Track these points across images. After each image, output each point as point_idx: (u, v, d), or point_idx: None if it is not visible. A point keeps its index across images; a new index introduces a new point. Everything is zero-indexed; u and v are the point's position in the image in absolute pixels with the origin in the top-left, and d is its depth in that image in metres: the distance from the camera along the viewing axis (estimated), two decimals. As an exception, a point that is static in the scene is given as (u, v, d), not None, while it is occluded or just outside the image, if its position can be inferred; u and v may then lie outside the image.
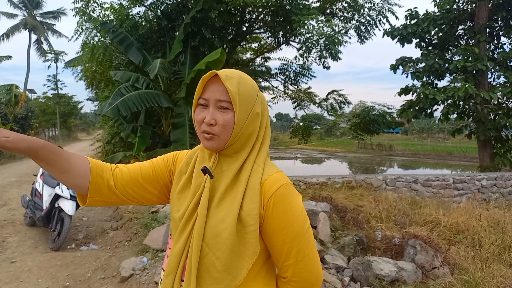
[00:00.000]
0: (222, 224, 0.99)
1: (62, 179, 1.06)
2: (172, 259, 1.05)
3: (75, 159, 1.07)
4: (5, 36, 33.13)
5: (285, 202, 1.01)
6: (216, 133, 1.01)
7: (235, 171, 1.04)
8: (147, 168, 1.19)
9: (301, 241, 1.02)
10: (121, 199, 1.16)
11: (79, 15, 9.01)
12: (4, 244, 5.29)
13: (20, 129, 20.01)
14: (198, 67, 7.10)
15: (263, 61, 12.78)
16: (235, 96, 0.99)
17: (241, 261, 0.99)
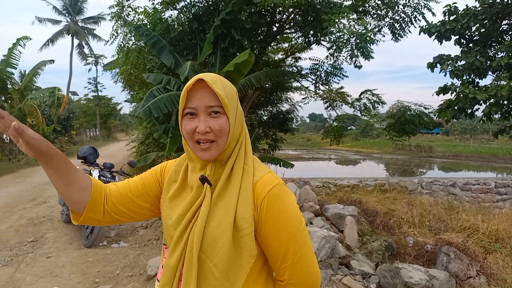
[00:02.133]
0: (218, 230, 0.97)
1: (66, 191, 1.07)
2: (168, 269, 1.03)
3: (81, 175, 1.10)
4: (50, 42, 35.00)
5: (279, 203, 0.98)
6: (213, 139, 1.00)
7: (227, 175, 1.03)
8: (136, 182, 1.21)
9: (297, 242, 0.99)
10: (113, 217, 1.17)
11: (114, 19, 9.29)
12: (42, 240, 5.55)
13: (63, 129, 21.00)
14: (226, 69, 7.12)
15: (294, 61, 12.66)
16: (225, 99, 0.97)
17: (238, 266, 0.97)
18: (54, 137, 17.78)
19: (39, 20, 35.83)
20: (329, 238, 3.64)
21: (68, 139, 21.69)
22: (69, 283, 4.10)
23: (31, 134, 0.92)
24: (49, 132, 17.34)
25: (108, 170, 5.76)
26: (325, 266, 3.49)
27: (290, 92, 14.49)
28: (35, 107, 14.67)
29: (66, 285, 4.04)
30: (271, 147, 13.75)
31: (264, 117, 14.38)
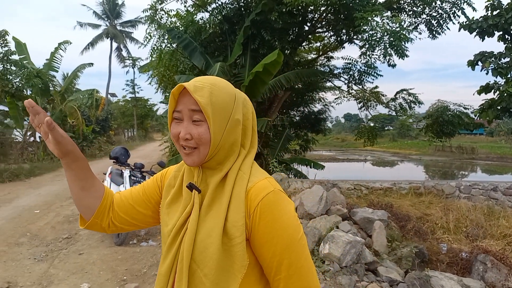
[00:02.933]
0: (208, 239, 0.94)
1: (80, 195, 1.10)
2: (161, 277, 1.01)
3: (97, 181, 1.13)
4: (90, 45, 36.55)
5: (273, 210, 0.93)
6: (195, 146, 0.97)
7: (217, 181, 0.99)
8: (138, 189, 1.21)
9: (293, 252, 0.93)
10: (117, 225, 1.18)
11: (148, 22, 9.53)
12: (76, 237, 5.75)
13: (101, 130, 21.78)
14: (255, 70, 7.11)
15: (326, 60, 12.47)
16: (206, 108, 0.93)
17: (230, 276, 0.93)
18: (93, 137, 18.49)
19: (80, 24, 37.57)
20: (355, 243, 3.53)
21: (107, 139, 22.49)
22: (98, 280, 4.22)
23: (61, 133, 0.97)
24: (88, 132, 18.04)
25: (138, 170, 5.90)
26: (350, 272, 3.38)
27: (323, 92, 14.33)
28: (75, 109, 15.32)
29: (95, 282, 4.16)
30: (302, 148, 13.63)
31: (296, 118, 14.28)
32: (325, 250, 3.56)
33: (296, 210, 4.99)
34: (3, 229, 5.93)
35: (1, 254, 4.88)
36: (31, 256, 4.89)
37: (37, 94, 14.39)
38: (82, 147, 17.23)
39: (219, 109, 0.95)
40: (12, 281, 4.11)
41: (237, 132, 1.01)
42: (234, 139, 1.00)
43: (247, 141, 1.04)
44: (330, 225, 4.12)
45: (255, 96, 7.99)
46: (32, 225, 6.22)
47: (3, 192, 9.02)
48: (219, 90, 0.97)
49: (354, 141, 18.29)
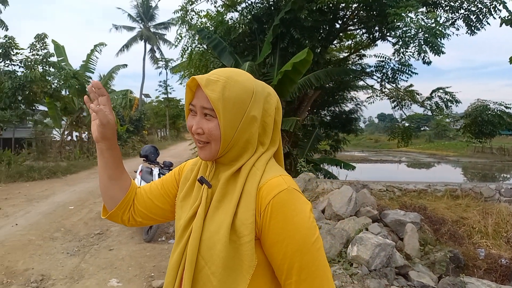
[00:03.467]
0: (216, 236, 0.90)
1: (108, 185, 1.13)
2: (170, 272, 0.99)
3: (125, 175, 1.16)
4: (125, 47, 37.69)
5: (285, 210, 0.88)
6: (206, 141, 0.95)
7: (228, 176, 0.96)
8: (156, 184, 1.21)
9: (305, 256, 0.87)
10: (136, 219, 1.20)
11: (178, 24, 9.67)
12: (107, 233, 5.89)
13: (135, 129, 22.36)
14: (284, 68, 7.05)
15: (358, 58, 12.21)
16: (216, 103, 0.90)
17: (237, 276, 0.89)
18: (127, 136, 19.03)
19: (115, 27, 38.79)
20: (385, 246, 3.40)
21: (140, 138, 23.08)
22: (126, 275, 4.29)
23: (110, 117, 1.03)
24: (123, 132, 18.58)
25: (167, 168, 5.97)
26: (379, 276, 3.26)
27: (354, 92, 14.05)
28: (110, 109, 15.78)
29: (124, 278, 4.23)
30: (332, 148, 13.42)
31: (327, 118, 14.08)
32: (353, 253, 3.44)
33: (323, 211, 4.89)
34: (39, 223, 6.16)
35: (36, 248, 5.07)
36: (64, 250, 5.04)
37: (74, 95, 14.95)
38: (116, 146, 17.71)
39: (232, 105, 0.91)
40: (46, 274, 4.25)
41: (252, 129, 0.96)
42: (249, 136, 0.96)
43: (267, 138, 1.00)
44: (359, 227, 3.99)
45: (284, 95, 7.91)
46: (66, 220, 6.44)
47: (41, 188, 9.42)
48: (234, 84, 0.93)
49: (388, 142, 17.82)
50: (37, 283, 4.00)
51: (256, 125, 0.96)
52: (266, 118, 0.99)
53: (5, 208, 7.17)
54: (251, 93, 0.95)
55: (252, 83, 0.97)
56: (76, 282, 4.06)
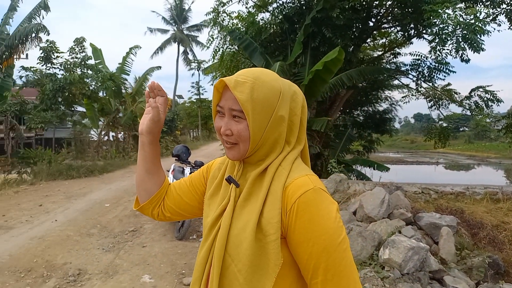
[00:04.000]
0: (242, 234, 0.92)
1: (144, 177, 1.19)
2: (197, 267, 1.01)
3: (161, 171, 1.22)
4: (159, 49, 38.61)
5: (311, 209, 0.87)
6: (235, 142, 0.96)
7: (255, 176, 0.97)
8: (185, 181, 1.25)
9: (331, 256, 0.86)
10: (165, 214, 1.24)
11: (210, 25, 9.79)
12: (141, 230, 6.04)
13: (168, 130, 22.83)
14: (315, 68, 6.98)
15: (392, 57, 11.90)
16: (245, 105, 0.91)
17: (263, 274, 0.89)
18: (160, 136, 19.44)
19: (150, 30, 39.86)
20: (418, 249, 3.28)
21: (173, 138, 23.59)
22: (158, 272, 4.39)
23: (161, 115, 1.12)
24: (156, 132, 18.98)
25: (198, 168, 6.05)
26: (412, 280, 3.15)
27: (389, 91, 13.72)
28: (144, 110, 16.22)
29: (156, 274, 4.32)
30: (365, 149, 13.16)
31: (360, 118, 13.84)
32: (384, 255, 3.35)
33: (355, 213, 4.80)
34: (77, 220, 6.41)
35: (74, 243, 5.27)
36: (100, 246, 5.22)
37: (110, 96, 15.47)
38: (150, 146, 18.17)
39: (260, 106, 0.92)
40: (82, 268, 4.41)
41: (280, 129, 0.96)
42: (277, 136, 0.97)
43: (293, 137, 1.00)
44: (392, 229, 3.88)
45: (315, 95, 7.84)
46: (102, 217, 6.66)
47: (79, 186, 9.80)
48: (262, 84, 0.93)
49: (424, 143, 17.28)
50: (74, 277, 4.16)
51: (284, 125, 0.97)
52: (293, 117, 0.99)
53: (46, 205, 7.52)
54: (278, 93, 0.95)
55: (279, 83, 0.97)
56: (110, 277, 4.19)
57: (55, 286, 3.94)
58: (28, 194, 8.82)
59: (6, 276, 4.11)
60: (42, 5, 12.07)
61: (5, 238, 5.37)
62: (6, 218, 6.47)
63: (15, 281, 4.00)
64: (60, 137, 20.04)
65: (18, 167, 12.21)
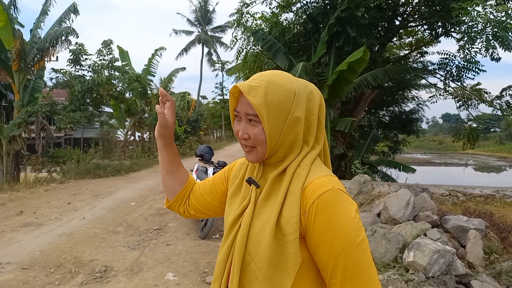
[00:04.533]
0: (262, 233, 0.93)
1: (165, 177, 1.27)
2: (218, 265, 1.04)
3: (181, 168, 1.28)
4: (184, 51, 39.18)
5: (330, 210, 0.88)
6: (253, 146, 0.99)
7: (274, 176, 0.98)
8: (209, 181, 1.30)
9: (350, 257, 0.86)
10: (190, 212, 1.31)
11: (234, 26, 9.85)
12: (165, 228, 6.14)
13: (192, 130, 23.10)
14: (339, 68, 6.92)
15: (419, 56, 11.63)
16: (260, 108, 0.92)
17: (282, 273, 0.91)
18: (185, 137, 19.73)
19: (175, 32, 40.51)
20: (444, 252, 3.20)
21: (197, 139, 23.84)
22: (182, 270, 4.45)
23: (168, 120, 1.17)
24: (181, 132, 19.29)
25: (221, 168, 6.09)
26: (438, 283, 3.08)
27: (416, 91, 13.44)
28: (169, 110, 16.47)
29: (179, 272, 4.38)
30: (391, 150, 12.94)
31: (385, 118, 13.62)
32: (409, 258, 3.29)
33: (379, 215, 4.72)
34: (104, 218, 6.58)
35: (101, 241, 5.42)
36: (125, 244, 5.34)
37: (136, 97, 15.80)
38: (174, 146, 18.47)
39: (275, 108, 0.93)
40: (109, 265, 4.53)
41: (297, 130, 0.97)
42: (294, 137, 0.98)
43: (311, 137, 1.01)
44: (417, 231, 3.80)
45: (339, 95, 7.77)
46: (128, 216, 6.81)
47: (106, 185, 10.06)
48: (276, 87, 0.95)
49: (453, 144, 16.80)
50: (101, 274, 4.27)
51: (300, 125, 0.97)
52: (310, 116, 0.99)
53: (74, 203, 7.75)
54: (293, 95, 0.96)
55: (293, 84, 0.97)
56: (135, 274, 4.29)
57: (83, 282, 4.06)
58: (58, 192, 9.12)
59: (37, 271, 4.27)
60: (71, 9, 12.46)
61: (36, 234, 5.57)
62: (37, 215, 6.71)
63: (45, 276, 4.15)
64: (88, 137, 20.63)
65: (48, 166, 12.63)
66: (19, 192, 8.96)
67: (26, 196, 8.44)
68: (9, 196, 8.45)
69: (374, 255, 3.56)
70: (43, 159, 12.85)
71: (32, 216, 6.65)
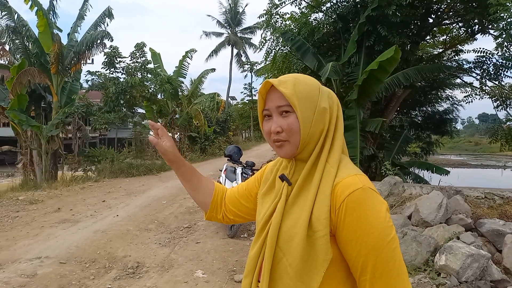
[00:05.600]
0: (293, 229, 0.97)
1: (192, 194, 1.33)
2: (249, 261, 1.07)
3: (204, 180, 1.34)
4: (214, 52, 39.60)
5: (360, 208, 0.90)
6: (286, 139, 1.01)
7: (306, 174, 1.01)
8: (243, 185, 1.35)
9: (380, 255, 0.88)
10: (229, 217, 1.35)
11: (263, 27, 9.88)
12: (195, 227, 6.26)
13: (221, 130, 23.35)
14: (370, 68, 6.80)
15: (454, 54, 11.26)
16: (292, 98, 0.97)
17: (312, 269, 0.93)
18: (214, 137, 19.97)
19: (205, 34, 41.05)
20: (478, 257, 3.10)
21: (226, 139, 24.09)
22: (211, 268, 4.53)
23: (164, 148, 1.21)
24: (210, 133, 19.53)
25: (249, 168, 6.16)
26: (472, 289, 2.99)
27: (450, 90, 13.01)
28: (199, 111, 16.76)
29: (208, 270, 4.46)
30: (423, 151, 12.59)
31: (418, 118, 13.26)
32: (441, 262, 3.21)
33: (410, 217, 4.62)
34: (136, 215, 6.78)
35: (133, 237, 5.59)
36: (157, 241, 5.49)
37: (168, 98, 16.14)
38: (204, 146, 18.76)
39: (305, 99, 0.98)
40: (140, 261, 4.67)
41: (325, 121, 1.01)
42: (322, 128, 1.01)
43: (331, 131, 1.04)
44: (449, 235, 3.70)
45: (369, 95, 7.64)
46: (159, 213, 6.99)
47: (139, 183, 10.35)
48: (301, 81, 1.01)
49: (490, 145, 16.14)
50: (133, 269, 4.42)
51: (327, 116, 1.02)
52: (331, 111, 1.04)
53: (108, 201, 8.02)
54: (317, 88, 1.02)
55: (316, 82, 1.05)
56: (166, 271, 4.40)
57: (116, 277, 4.21)
58: (93, 190, 9.47)
59: (73, 265, 4.46)
60: (106, 13, 12.90)
61: (73, 230, 5.82)
62: (74, 212, 7.00)
63: (80, 270, 4.33)
64: (121, 137, 21.26)
65: (84, 165, 13.12)
66: (57, 189, 9.38)
67: (63, 194, 8.82)
68: (47, 193, 8.86)
69: (404, 257, 3.49)
70: (79, 158, 13.36)
71: (69, 213, 6.94)
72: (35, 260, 4.53)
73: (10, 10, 11.81)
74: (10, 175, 18.79)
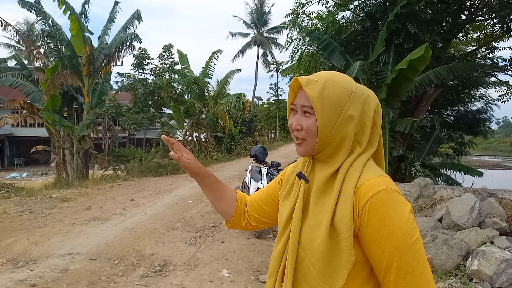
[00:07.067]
0: (316, 230, 0.96)
1: (216, 204, 1.33)
2: (273, 261, 1.08)
3: (228, 190, 1.34)
4: (240, 53, 39.86)
5: (383, 209, 0.89)
6: (304, 138, 1.01)
7: (327, 176, 1.00)
8: (263, 190, 1.34)
9: (403, 256, 0.87)
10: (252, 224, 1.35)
11: (289, 27, 9.85)
12: (220, 226, 6.29)
13: (247, 131, 23.41)
14: (399, 66, 6.66)
15: (488, 52, 10.85)
16: (315, 101, 0.96)
17: (335, 269, 0.93)
18: (240, 137, 20.07)
19: (231, 34, 41.29)
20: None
21: (251, 139, 24.16)
22: (236, 267, 4.54)
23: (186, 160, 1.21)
24: (236, 133, 19.63)
25: (275, 168, 6.14)
26: (507, 296, 2.86)
27: (484, 89, 12.57)
28: (225, 111, 16.88)
29: (234, 269, 4.48)
30: (455, 152, 12.21)
31: (450, 118, 12.89)
32: (473, 266, 3.09)
33: (441, 220, 4.48)
34: (164, 214, 6.89)
35: (161, 236, 5.68)
36: (183, 240, 5.55)
37: (194, 99, 16.34)
38: (230, 146, 18.88)
39: (330, 103, 0.97)
40: (167, 259, 4.74)
41: (349, 128, 0.99)
42: (345, 134, 0.99)
43: (364, 138, 1.02)
44: (482, 239, 3.56)
45: (398, 94, 7.48)
46: (185, 212, 7.07)
47: (166, 183, 10.51)
48: (334, 84, 0.99)
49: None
50: (160, 267, 4.48)
51: (353, 124, 0.99)
52: (365, 119, 1.01)
53: (137, 199, 8.19)
54: (349, 93, 0.99)
55: (351, 85, 1.01)
56: (192, 269, 4.44)
57: (144, 274, 4.29)
58: (122, 189, 9.69)
59: (102, 262, 4.57)
60: (135, 16, 13.21)
61: (102, 228, 5.97)
62: (103, 210, 7.18)
63: (110, 267, 4.43)
64: (150, 137, 21.67)
65: (114, 164, 13.46)
66: (87, 188, 9.66)
67: (93, 192, 9.07)
68: (79, 191, 9.14)
69: (435, 261, 3.39)
70: (109, 157, 13.73)
71: (99, 210, 7.13)
72: (67, 256, 4.67)
73: (45, 15, 12.30)
74: (44, 173, 19.59)
